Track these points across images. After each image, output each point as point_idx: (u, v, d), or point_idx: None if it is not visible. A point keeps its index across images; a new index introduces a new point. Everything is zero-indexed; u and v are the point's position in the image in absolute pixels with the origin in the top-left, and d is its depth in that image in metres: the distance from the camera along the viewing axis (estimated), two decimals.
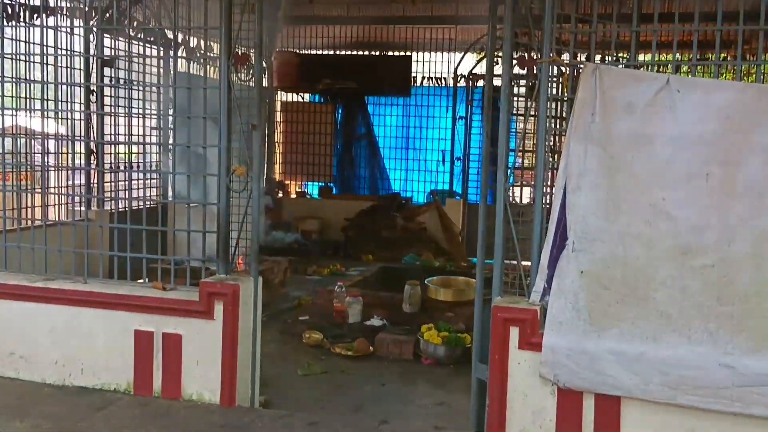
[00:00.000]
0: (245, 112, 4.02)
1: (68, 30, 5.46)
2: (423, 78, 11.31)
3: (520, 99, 4.30)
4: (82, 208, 6.08)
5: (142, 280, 4.25)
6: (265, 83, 11.43)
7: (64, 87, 6.21)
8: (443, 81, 11.22)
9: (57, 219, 5.23)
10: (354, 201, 11.04)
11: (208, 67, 5.18)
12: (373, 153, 11.60)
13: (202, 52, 6.27)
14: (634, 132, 3.50)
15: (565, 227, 3.56)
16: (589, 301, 3.51)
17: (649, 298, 3.49)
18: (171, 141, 8.63)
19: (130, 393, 4.09)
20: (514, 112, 3.97)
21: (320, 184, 11.77)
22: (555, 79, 3.81)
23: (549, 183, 3.77)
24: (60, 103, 4.30)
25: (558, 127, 3.95)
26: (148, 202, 5.70)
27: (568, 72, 3.79)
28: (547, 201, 3.76)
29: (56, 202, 5.90)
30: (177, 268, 4.20)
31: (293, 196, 11.74)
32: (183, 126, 8.79)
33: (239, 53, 3.94)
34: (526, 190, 4.06)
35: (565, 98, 3.75)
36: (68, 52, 5.26)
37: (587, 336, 3.49)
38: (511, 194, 3.77)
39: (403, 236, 10.46)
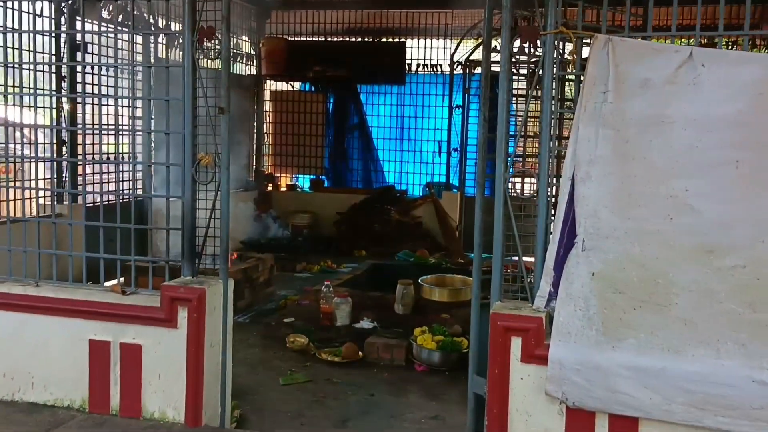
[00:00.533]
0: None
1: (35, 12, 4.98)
2: (418, 65, 10.86)
3: (522, 79, 3.87)
4: (46, 203, 5.65)
5: (111, 282, 3.79)
6: (252, 71, 11.00)
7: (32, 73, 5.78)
8: (439, 68, 10.76)
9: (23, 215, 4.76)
10: (346, 194, 10.63)
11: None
12: (366, 144, 11.15)
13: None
14: (652, 112, 3.07)
15: (573, 223, 3.12)
16: (601, 307, 3.07)
17: (670, 304, 3.05)
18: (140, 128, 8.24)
19: (85, 410, 3.65)
20: (515, 92, 3.53)
21: (311, 176, 11.31)
22: (560, 58, 3.35)
23: (555, 173, 3.32)
24: (28, 89, 3.84)
25: (563, 108, 3.50)
26: (112, 196, 5.24)
27: (576, 48, 3.33)
28: (553, 193, 3.32)
29: (22, 197, 5.45)
30: (155, 267, 3.72)
31: (283, 189, 11.29)
32: (161, 113, 8.38)
33: (204, 27, 3.48)
34: (529, 181, 3.61)
35: (573, 75, 3.29)
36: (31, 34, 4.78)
37: (600, 348, 3.05)
38: (511, 186, 3.32)
39: (398, 231, 10.06)
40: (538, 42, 3.22)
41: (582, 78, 3.15)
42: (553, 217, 3.25)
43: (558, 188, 3.24)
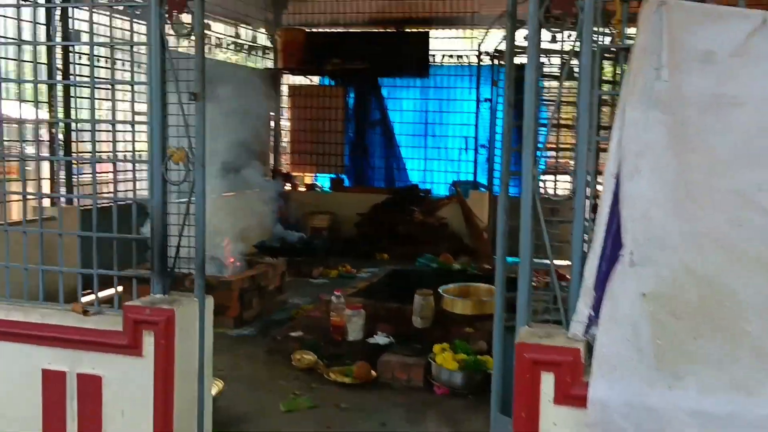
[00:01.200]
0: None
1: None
2: (443, 56, 10.22)
3: (553, 56, 3.26)
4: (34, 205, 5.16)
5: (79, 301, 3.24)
6: (269, 64, 10.48)
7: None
8: (465, 59, 10.12)
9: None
10: (368, 194, 10.09)
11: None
12: (388, 141, 10.55)
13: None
14: (715, 91, 2.46)
15: (618, 230, 2.50)
16: (654, 336, 2.45)
17: (740, 331, 2.42)
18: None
19: None
20: (545, 71, 2.92)
21: (331, 175, 10.75)
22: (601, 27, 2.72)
23: (595, 168, 2.70)
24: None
25: (605, 90, 2.88)
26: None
27: (620, 13, 2.70)
28: (592, 193, 2.70)
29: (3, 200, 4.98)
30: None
31: (302, 189, 10.75)
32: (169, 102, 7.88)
33: None
34: (563, 179, 3.00)
35: (618, 48, 2.67)
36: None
37: (653, 386, 2.43)
38: (541, 185, 2.71)
39: (422, 232, 9.47)
40: (574, 8, 2.61)
41: (629, 51, 2.55)
42: (593, 223, 2.63)
43: (599, 187, 2.64)
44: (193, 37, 3.00)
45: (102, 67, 5.62)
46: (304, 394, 4.59)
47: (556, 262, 2.68)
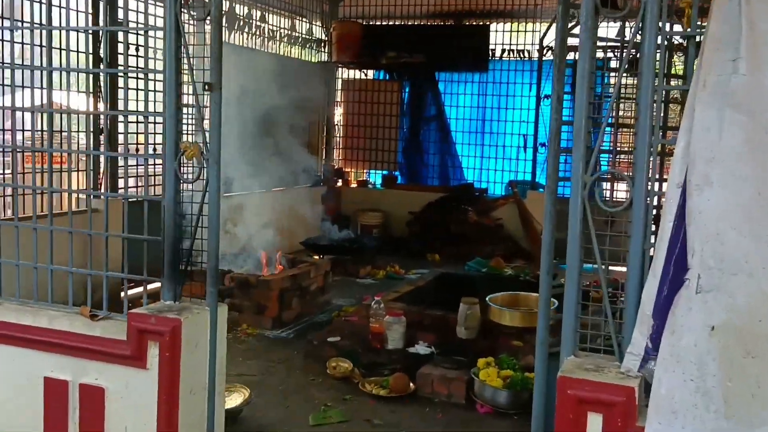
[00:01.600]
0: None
1: None
2: (503, 51, 9.80)
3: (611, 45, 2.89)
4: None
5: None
6: (324, 57, 10.25)
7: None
8: (526, 54, 9.66)
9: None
10: (421, 192, 9.76)
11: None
12: (444, 137, 10.18)
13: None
14: None
15: (684, 250, 2.13)
16: (724, 377, 2.07)
17: None
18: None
19: None
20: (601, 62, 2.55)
21: (384, 172, 10.45)
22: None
23: (657, 175, 2.32)
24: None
25: (672, 84, 2.49)
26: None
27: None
28: (655, 203, 2.33)
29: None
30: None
31: (353, 185, 10.49)
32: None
33: None
34: (620, 187, 2.63)
35: (687, 35, 2.28)
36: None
37: None
38: (595, 191, 2.34)
39: (476, 234, 9.09)
40: None
41: (701, 40, 2.17)
42: (653, 240, 2.26)
43: (662, 198, 2.26)
44: (210, 22, 2.73)
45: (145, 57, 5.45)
46: (336, 405, 4.31)
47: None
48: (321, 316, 6.28)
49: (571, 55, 2.57)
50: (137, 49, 5.29)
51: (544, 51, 9.16)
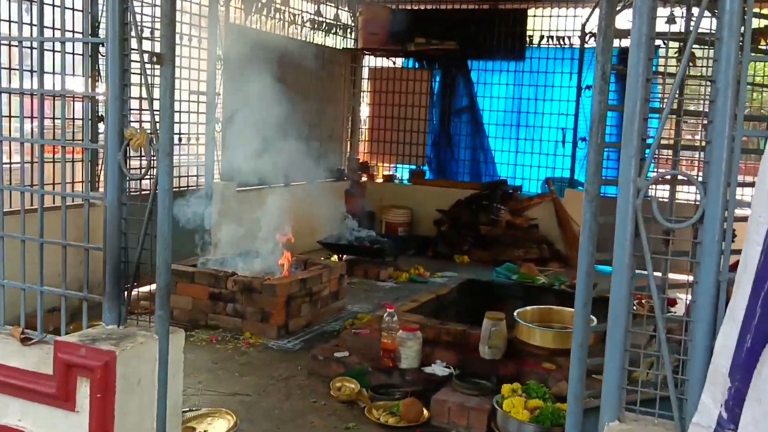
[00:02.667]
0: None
1: None
2: (541, 37, 9.10)
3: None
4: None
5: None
6: (350, 44, 9.67)
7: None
8: (567, 41, 8.96)
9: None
10: (450, 188, 9.14)
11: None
12: (476, 130, 9.53)
13: None
14: None
15: None
16: None
17: None
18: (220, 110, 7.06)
19: None
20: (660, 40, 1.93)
21: (411, 166, 9.84)
22: None
23: (735, 179, 1.69)
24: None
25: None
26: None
27: None
28: (730, 215, 1.71)
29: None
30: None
31: (379, 180, 9.89)
32: (233, 82, 7.14)
33: None
34: (685, 193, 2.01)
35: None
36: None
37: None
38: (651, 198, 1.74)
39: (508, 234, 8.45)
40: None
41: None
42: (732, 268, 1.64)
43: (743, 210, 1.65)
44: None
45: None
46: None
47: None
48: (333, 324, 5.73)
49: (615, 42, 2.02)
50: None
51: (587, 37, 8.46)
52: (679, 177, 1.75)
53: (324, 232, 8.09)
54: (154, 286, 2.25)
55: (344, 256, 7.73)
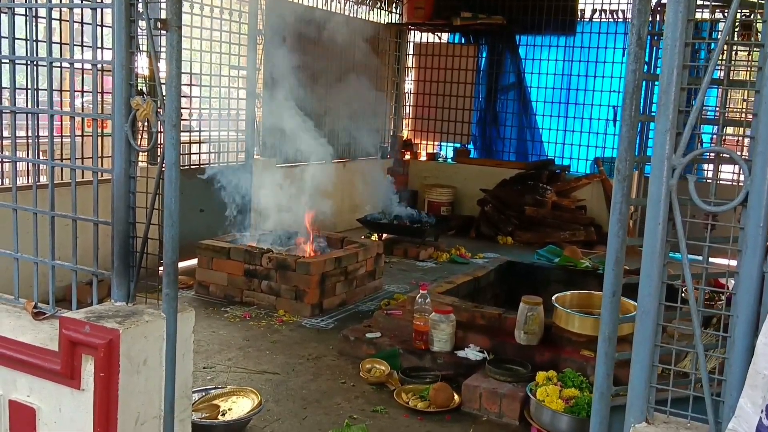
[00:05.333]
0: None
1: None
2: (593, 11, 8.76)
3: None
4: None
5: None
6: (395, 19, 9.49)
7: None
8: (620, 15, 8.60)
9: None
10: (495, 167, 8.95)
11: None
12: (523, 108, 9.27)
13: None
14: None
15: None
16: None
17: None
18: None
19: None
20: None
21: (456, 145, 9.63)
22: None
23: None
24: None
25: None
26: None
27: None
28: None
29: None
30: None
31: (423, 158, 9.73)
32: (273, 57, 7.03)
33: None
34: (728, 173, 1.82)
35: None
36: None
37: None
38: (690, 180, 1.56)
39: (555, 215, 8.21)
40: None
41: None
42: None
43: None
44: None
45: None
46: (364, 419, 3.65)
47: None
48: (369, 304, 5.64)
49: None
50: None
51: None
52: (722, 155, 1.56)
53: (366, 210, 7.99)
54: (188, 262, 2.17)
55: (384, 235, 7.61)
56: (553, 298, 4.27)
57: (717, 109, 1.86)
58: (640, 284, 1.57)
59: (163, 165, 2.09)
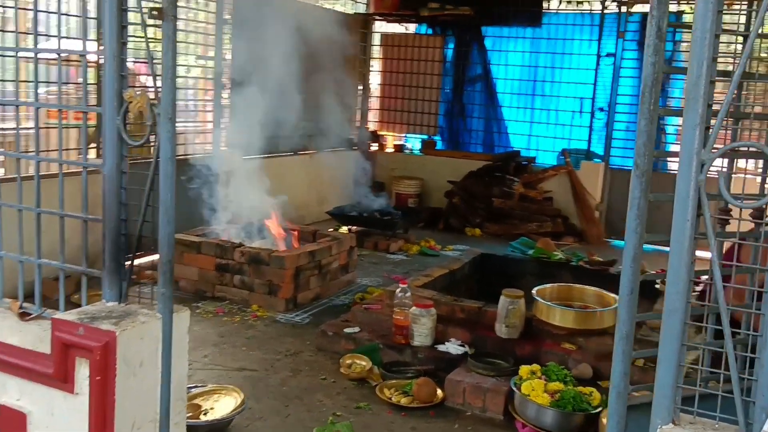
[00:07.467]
0: None
1: None
2: (560, 2, 8.80)
3: None
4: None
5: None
6: (361, 9, 9.39)
7: None
8: (587, 6, 8.66)
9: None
10: (462, 159, 8.94)
11: None
12: (489, 99, 9.27)
13: None
14: None
15: None
16: None
17: None
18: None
19: None
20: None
21: (423, 136, 9.61)
22: None
23: None
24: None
25: None
26: None
27: None
28: None
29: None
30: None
31: (389, 150, 9.67)
32: (240, 47, 6.88)
33: None
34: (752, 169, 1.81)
35: None
36: None
37: None
38: (721, 177, 1.54)
39: (522, 207, 8.24)
40: None
41: None
42: None
43: None
44: None
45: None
46: (347, 416, 3.60)
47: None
48: (342, 298, 5.58)
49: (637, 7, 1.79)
50: None
51: (607, 2, 8.17)
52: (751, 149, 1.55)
53: (333, 203, 7.91)
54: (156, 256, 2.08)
55: (353, 228, 7.55)
56: (534, 291, 4.27)
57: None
58: (667, 282, 1.55)
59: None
